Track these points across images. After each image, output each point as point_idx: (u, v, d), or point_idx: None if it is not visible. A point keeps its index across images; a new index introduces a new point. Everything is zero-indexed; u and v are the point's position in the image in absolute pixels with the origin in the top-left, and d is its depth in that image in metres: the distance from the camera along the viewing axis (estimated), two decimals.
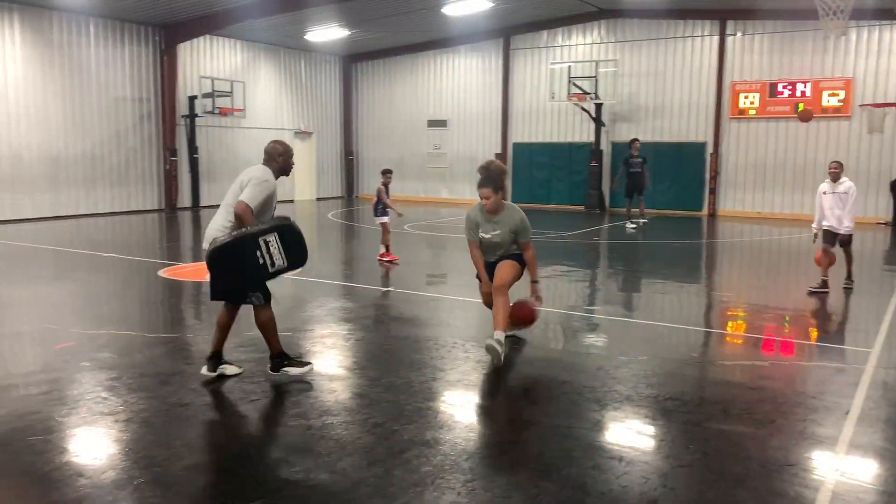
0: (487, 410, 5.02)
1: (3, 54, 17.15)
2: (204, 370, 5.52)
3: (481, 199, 5.95)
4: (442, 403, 5.17)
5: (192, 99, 20.86)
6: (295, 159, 5.70)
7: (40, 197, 18.08)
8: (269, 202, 5.36)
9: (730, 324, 8.23)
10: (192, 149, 21.17)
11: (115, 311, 8.31)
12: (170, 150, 20.66)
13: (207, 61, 21.90)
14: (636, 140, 18.02)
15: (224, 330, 5.53)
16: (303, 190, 25.34)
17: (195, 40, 20.98)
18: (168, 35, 20.29)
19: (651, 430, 4.64)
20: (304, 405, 5.01)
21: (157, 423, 4.63)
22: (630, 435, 4.55)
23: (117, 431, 4.53)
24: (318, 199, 25.61)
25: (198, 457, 4.19)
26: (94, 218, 18.62)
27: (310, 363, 5.66)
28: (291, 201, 24.50)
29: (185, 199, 21.24)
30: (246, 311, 5.59)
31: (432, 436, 4.44)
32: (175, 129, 20.75)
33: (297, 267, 5.34)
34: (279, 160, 5.46)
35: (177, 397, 5.14)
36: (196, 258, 12.32)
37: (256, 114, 23.19)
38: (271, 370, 5.53)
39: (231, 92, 21.56)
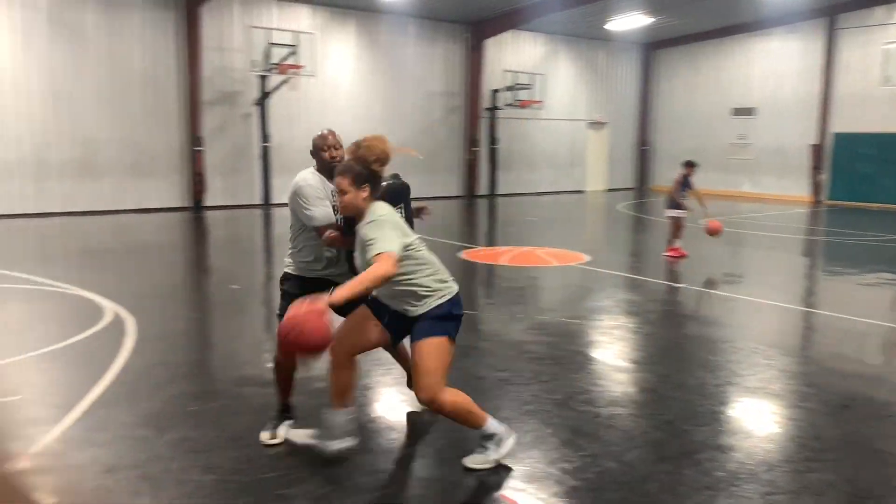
0: (791, 422, 4.62)
1: (343, 56, 19.55)
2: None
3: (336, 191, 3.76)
4: (738, 409, 4.88)
5: (494, 92, 21.93)
6: (586, 150, 4.67)
7: None
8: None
9: None
10: (492, 139, 22.27)
11: None
12: (472, 141, 21.97)
13: (510, 55, 22.82)
14: None
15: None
16: (594, 180, 25.32)
17: (500, 35, 21.97)
18: (476, 31, 21.53)
19: None
20: (591, 393, 5.05)
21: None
22: None
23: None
24: (609, 190, 25.40)
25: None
26: None
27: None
28: (582, 192, 24.65)
29: (482, 187, 22.46)
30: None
31: (727, 441, 4.21)
32: (478, 121, 21.99)
33: None
34: (316, 157, 4.19)
35: (475, 370, 5.50)
36: (491, 243, 12.95)
37: (553, 105, 23.64)
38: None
39: (531, 84, 22.24)
